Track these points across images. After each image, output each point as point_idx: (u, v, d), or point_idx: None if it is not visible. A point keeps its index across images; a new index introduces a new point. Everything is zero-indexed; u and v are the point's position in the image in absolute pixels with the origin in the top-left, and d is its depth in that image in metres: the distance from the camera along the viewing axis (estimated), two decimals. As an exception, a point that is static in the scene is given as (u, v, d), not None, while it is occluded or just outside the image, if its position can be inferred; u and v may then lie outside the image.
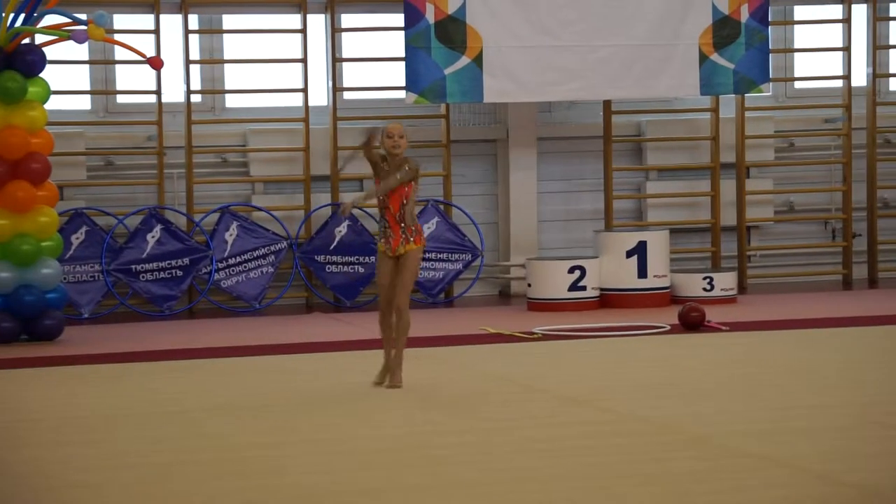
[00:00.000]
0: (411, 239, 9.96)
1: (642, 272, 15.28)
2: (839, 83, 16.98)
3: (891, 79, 17.41)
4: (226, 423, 9.31)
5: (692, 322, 13.33)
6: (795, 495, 7.03)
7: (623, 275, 15.29)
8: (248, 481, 7.51)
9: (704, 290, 15.30)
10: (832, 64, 17.08)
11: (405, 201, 9.93)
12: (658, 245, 15.38)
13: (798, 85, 17.40)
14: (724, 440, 8.36)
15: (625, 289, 15.27)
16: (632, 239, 15.44)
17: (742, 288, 16.32)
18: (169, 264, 15.71)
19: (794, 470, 7.58)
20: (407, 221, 9.94)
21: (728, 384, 10.50)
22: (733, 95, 16.38)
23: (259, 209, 16.16)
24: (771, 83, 16.44)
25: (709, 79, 15.94)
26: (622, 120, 16.78)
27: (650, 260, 15.29)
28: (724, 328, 13.32)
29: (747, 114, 16.72)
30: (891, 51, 17.34)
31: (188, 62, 16.04)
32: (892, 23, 17.34)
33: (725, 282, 15.45)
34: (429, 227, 16.12)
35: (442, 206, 16.26)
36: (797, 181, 17.27)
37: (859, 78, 16.99)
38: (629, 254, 15.31)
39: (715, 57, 15.91)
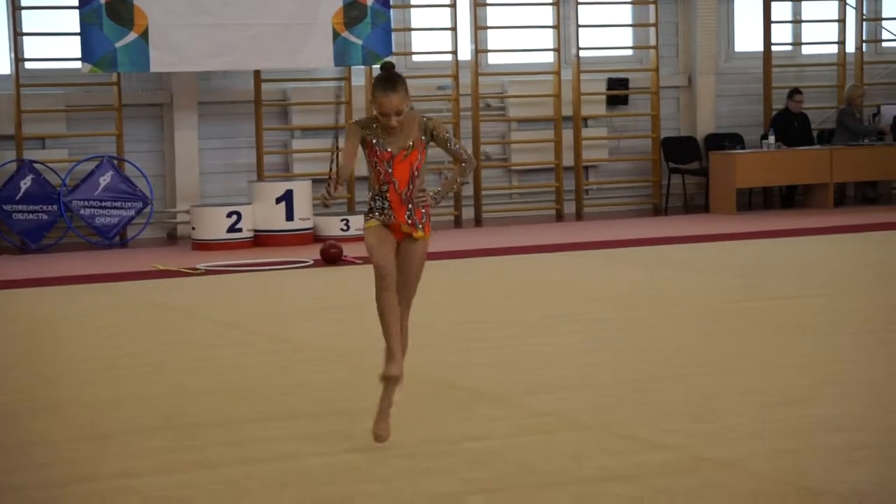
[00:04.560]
0: (420, 225, 6.29)
1: (289, 216, 15.46)
2: (449, 57, 17.42)
3: (489, 54, 17.94)
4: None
5: (331, 257, 13.58)
6: (417, 400, 7.32)
7: (273, 218, 15.44)
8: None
9: (342, 230, 15.58)
10: (443, 41, 17.51)
11: (416, 173, 6.23)
12: (302, 193, 15.59)
13: (416, 58, 17.78)
14: (361, 356, 8.60)
15: (275, 230, 15.42)
16: (280, 188, 15.60)
17: (372, 228, 16.61)
18: None
19: (420, 376, 7.87)
20: (416, 202, 6.26)
21: (363, 308, 10.75)
22: (362, 66, 16.65)
23: (-49, 165, 15.62)
24: (394, 56, 16.75)
25: (341, 52, 16.19)
26: (270, 87, 16.86)
27: (296, 205, 15.48)
28: (358, 262, 13.61)
29: (375, 82, 16.99)
30: (489, 31, 17.87)
31: None
32: (489, 7, 17.86)
33: (359, 223, 15.75)
34: (104, 180, 15.87)
35: (115, 162, 16.04)
36: (416, 138, 17.65)
37: (464, 53, 17.46)
38: (278, 200, 15.45)
39: (346, 34, 16.15)
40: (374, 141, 6.19)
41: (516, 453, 6.13)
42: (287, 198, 15.47)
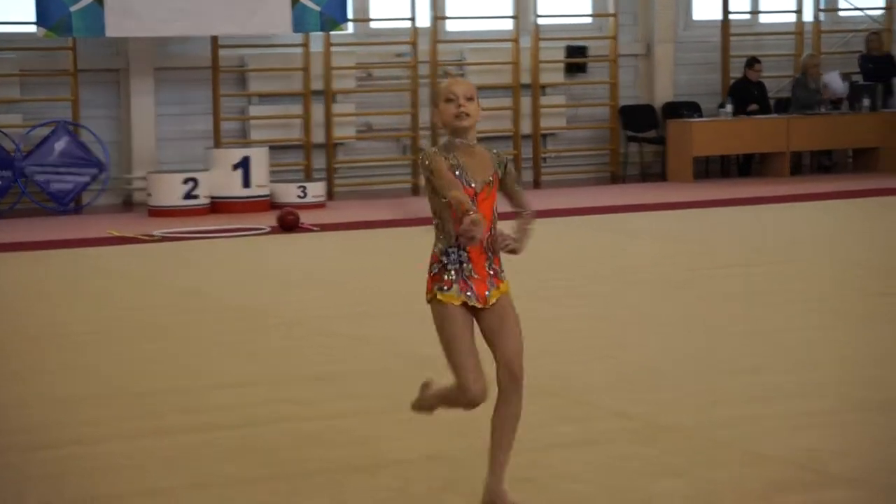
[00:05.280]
0: (501, 274, 4.96)
1: (246, 182, 15.39)
2: (407, 24, 17.35)
3: (448, 21, 17.87)
4: None
5: (288, 224, 13.54)
6: (374, 367, 7.35)
7: (230, 185, 15.37)
8: None
9: (299, 197, 15.51)
10: (401, 7, 17.41)
11: (496, 216, 4.96)
12: (259, 159, 15.53)
13: (373, 25, 17.69)
14: (314, 323, 8.59)
15: (232, 197, 15.35)
16: (237, 154, 15.53)
17: (330, 195, 16.60)
18: None
19: (377, 345, 7.88)
20: (496, 248, 4.96)
21: (318, 275, 10.75)
22: (320, 33, 16.57)
23: None
24: (351, 23, 16.69)
25: (299, 18, 16.09)
26: (228, 53, 16.74)
27: (253, 172, 15.41)
28: (315, 229, 13.58)
29: (332, 48, 16.92)
30: (449, -3, 17.83)
31: None
32: (449, -26, 17.80)
33: (316, 190, 15.72)
34: (59, 146, 15.73)
35: (71, 127, 15.91)
36: (375, 105, 17.60)
37: (423, 20, 17.39)
38: (235, 167, 15.38)
39: (304, 0, 16.05)
40: (458, 173, 4.85)
41: (476, 420, 6.14)
42: (244, 164, 15.39)
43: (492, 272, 4.90)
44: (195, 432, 6.02)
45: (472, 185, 4.86)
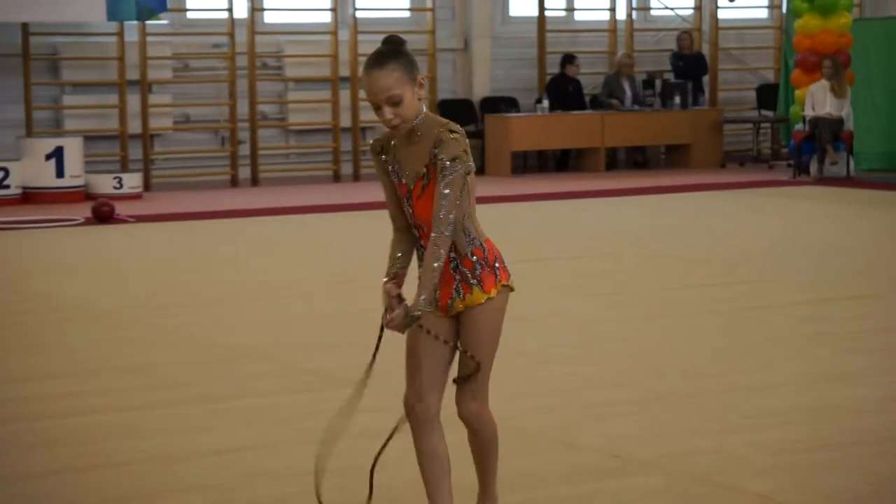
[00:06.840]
0: (472, 280, 4.29)
1: (60, 173, 15.20)
2: (224, 14, 17.23)
3: (266, 12, 17.81)
4: None
5: (103, 215, 13.39)
6: (186, 357, 7.32)
7: (43, 175, 15.16)
8: None
9: (115, 188, 15.36)
10: (221, -3, 17.30)
11: (458, 197, 4.27)
12: (74, 150, 15.35)
13: (190, 15, 17.53)
14: (127, 314, 8.51)
15: (45, 187, 15.13)
16: (50, 144, 15.33)
17: (147, 186, 16.42)
18: None
19: (189, 335, 7.85)
20: (461, 247, 4.29)
21: (132, 266, 10.63)
22: (136, 22, 16.37)
23: None
24: (169, 12, 16.52)
25: (114, 7, 15.86)
26: (39, 41, 16.43)
27: (67, 162, 15.22)
28: (130, 220, 13.45)
29: (148, 38, 16.73)
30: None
31: None
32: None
33: (132, 181, 15.58)
34: None
35: None
36: (192, 96, 17.46)
37: (240, 11, 17.29)
38: (48, 157, 15.16)
39: (120, -12, 15.87)
40: (391, 168, 4.16)
41: (284, 410, 6.19)
42: (57, 154, 15.18)
43: (458, 276, 4.20)
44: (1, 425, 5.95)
45: (404, 181, 4.19)
